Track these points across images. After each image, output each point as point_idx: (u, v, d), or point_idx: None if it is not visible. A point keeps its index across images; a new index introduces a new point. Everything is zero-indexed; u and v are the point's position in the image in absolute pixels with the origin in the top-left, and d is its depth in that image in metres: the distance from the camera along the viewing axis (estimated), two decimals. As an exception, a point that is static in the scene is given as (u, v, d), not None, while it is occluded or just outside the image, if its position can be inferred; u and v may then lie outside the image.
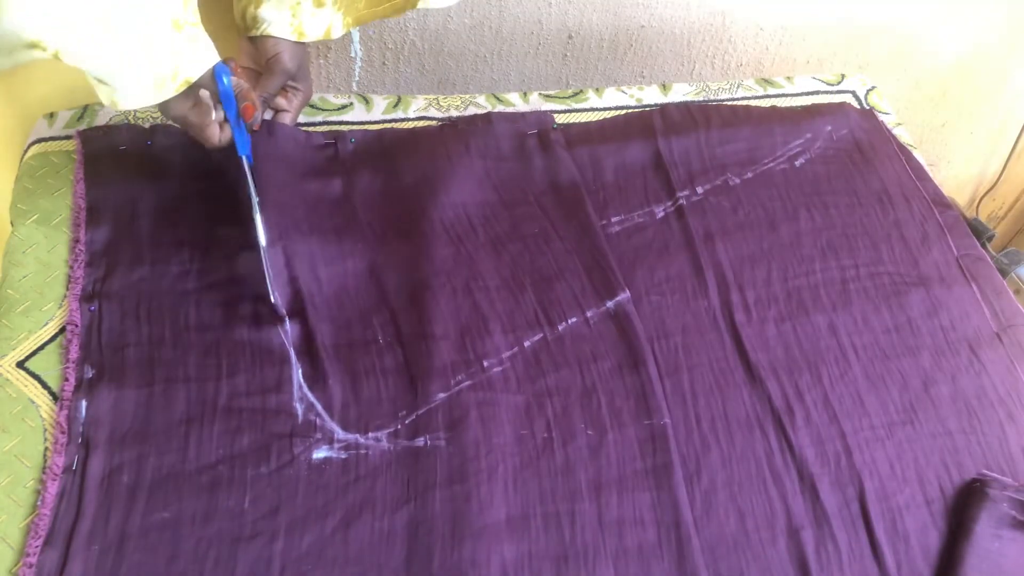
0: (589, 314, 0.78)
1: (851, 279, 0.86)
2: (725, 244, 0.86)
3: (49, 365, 0.69)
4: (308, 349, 0.71)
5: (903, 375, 0.79)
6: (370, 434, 0.68)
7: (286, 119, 0.83)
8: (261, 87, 0.79)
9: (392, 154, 0.87)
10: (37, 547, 0.59)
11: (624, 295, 0.79)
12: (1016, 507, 0.69)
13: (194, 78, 0.64)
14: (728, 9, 1.22)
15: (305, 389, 0.69)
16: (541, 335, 0.76)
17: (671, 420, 0.72)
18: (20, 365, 0.69)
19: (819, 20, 1.29)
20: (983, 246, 0.93)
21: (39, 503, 0.61)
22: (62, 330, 0.71)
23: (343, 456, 0.66)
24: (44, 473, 0.63)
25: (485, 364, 0.73)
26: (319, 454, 0.66)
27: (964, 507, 0.70)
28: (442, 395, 0.70)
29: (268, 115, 0.83)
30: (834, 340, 0.80)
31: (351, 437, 0.67)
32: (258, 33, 0.77)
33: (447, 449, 0.67)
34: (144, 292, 0.73)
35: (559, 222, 0.85)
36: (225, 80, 0.67)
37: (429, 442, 0.68)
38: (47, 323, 0.71)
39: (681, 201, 0.89)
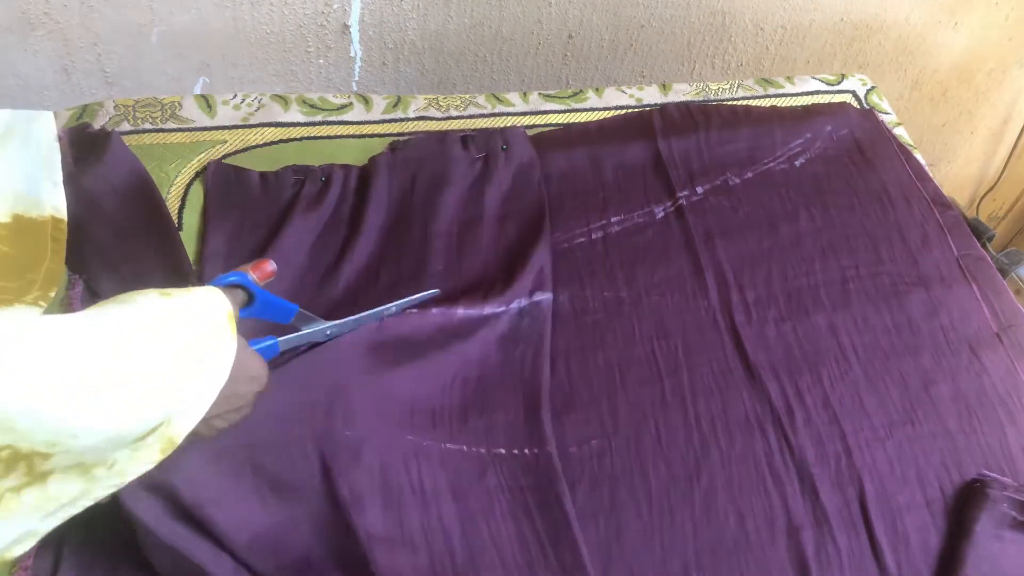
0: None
1: (851, 279, 0.86)
2: (725, 244, 0.86)
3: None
4: None
5: (903, 375, 0.79)
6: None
7: None
8: None
9: (350, 193, 0.84)
10: (32, 551, 0.59)
11: (471, 311, 0.75)
12: (1016, 508, 0.69)
13: (230, 309, 0.50)
14: (728, 9, 1.21)
15: None
16: None
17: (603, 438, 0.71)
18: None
19: (819, 20, 1.29)
20: (983, 246, 0.93)
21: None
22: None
23: None
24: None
25: None
26: None
27: (964, 508, 0.70)
28: None
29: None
30: (834, 340, 0.80)
31: None
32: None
33: None
34: None
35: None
36: (254, 280, 0.55)
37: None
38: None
39: (681, 201, 0.89)
